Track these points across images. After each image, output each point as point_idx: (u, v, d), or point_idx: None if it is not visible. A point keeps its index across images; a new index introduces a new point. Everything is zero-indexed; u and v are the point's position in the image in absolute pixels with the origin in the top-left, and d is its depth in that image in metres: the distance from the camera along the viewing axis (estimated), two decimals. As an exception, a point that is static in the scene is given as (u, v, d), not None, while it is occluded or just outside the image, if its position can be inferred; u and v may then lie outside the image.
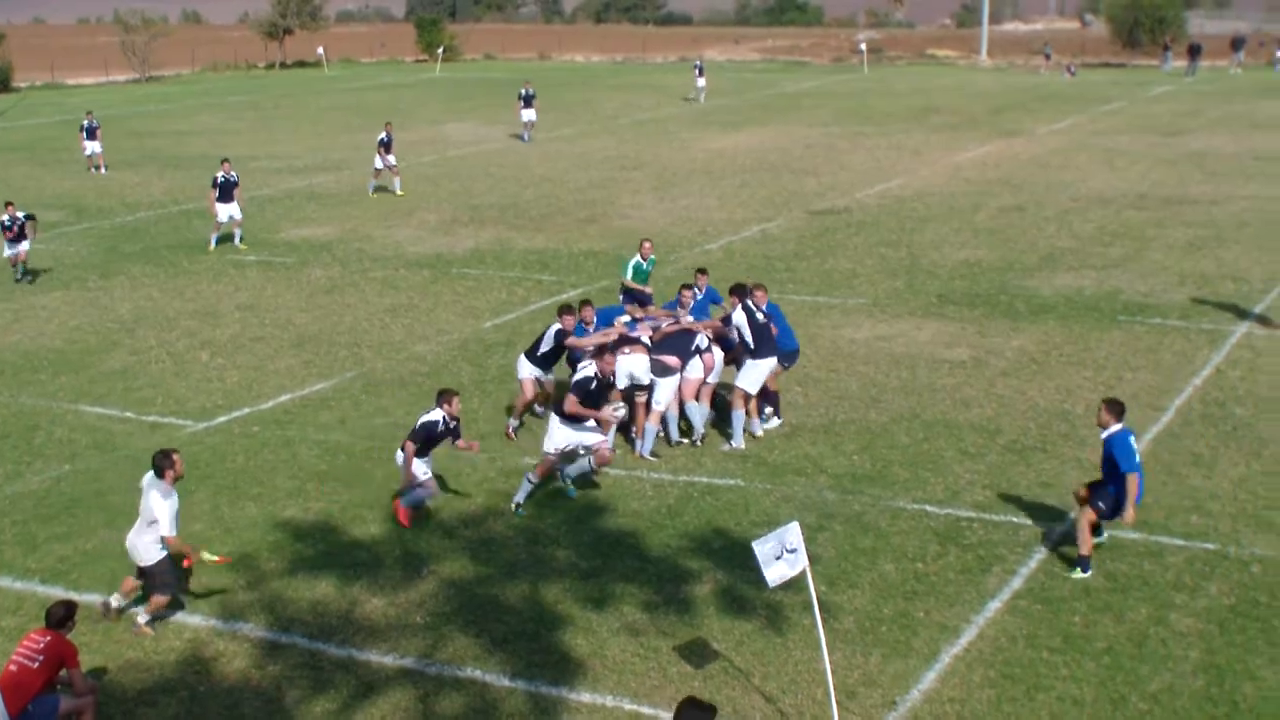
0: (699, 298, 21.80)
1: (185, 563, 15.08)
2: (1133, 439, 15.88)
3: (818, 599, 12.82)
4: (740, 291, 20.54)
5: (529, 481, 18.00)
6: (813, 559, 13.75)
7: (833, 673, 12.72)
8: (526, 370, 20.66)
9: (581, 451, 18.11)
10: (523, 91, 56.61)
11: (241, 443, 20.76)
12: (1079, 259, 32.60)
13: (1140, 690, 13.42)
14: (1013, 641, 14.44)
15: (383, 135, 43.35)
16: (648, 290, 24.53)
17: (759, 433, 20.59)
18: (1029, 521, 17.39)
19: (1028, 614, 15.05)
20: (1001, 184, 43.84)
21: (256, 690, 13.72)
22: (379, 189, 43.73)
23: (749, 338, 20.09)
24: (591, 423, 17.97)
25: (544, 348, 20.43)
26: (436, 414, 17.39)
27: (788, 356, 21.04)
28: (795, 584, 13.07)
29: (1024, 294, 29.22)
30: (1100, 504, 15.80)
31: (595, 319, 20.86)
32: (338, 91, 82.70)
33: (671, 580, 15.92)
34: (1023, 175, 45.56)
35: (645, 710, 13.21)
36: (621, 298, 24.32)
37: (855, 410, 21.83)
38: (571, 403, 17.76)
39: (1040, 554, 16.46)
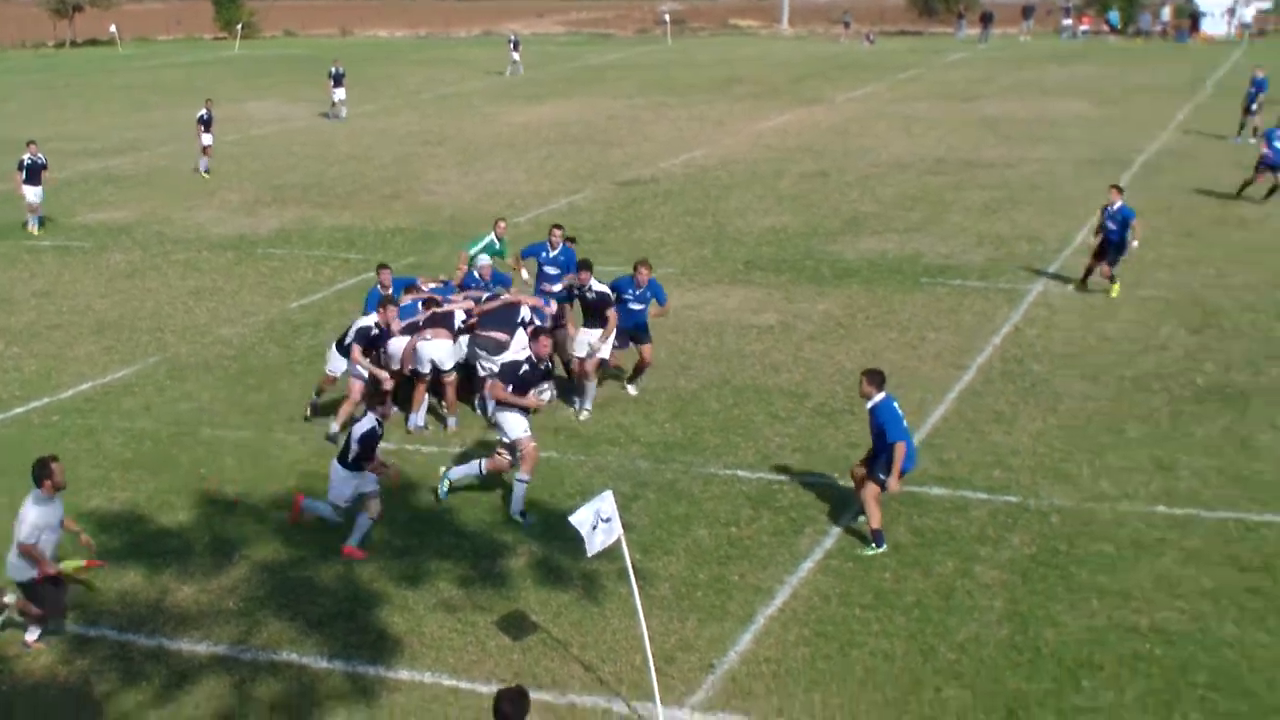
0: (558, 251, 21.99)
1: (38, 578, 13.65)
2: (896, 405, 15.96)
3: (633, 567, 12.90)
4: (588, 267, 20.57)
5: (520, 483, 16.85)
6: (627, 527, 13.86)
7: (650, 639, 12.79)
8: (337, 363, 19.87)
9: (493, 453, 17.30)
10: (332, 70, 55.54)
11: (41, 433, 20.13)
12: (881, 223, 33.22)
13: (949, 641, 13.78)
14: (826, 600, 14.71)
15: (202, 112, 42.45)
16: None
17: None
18: (839, 482, 17.69)
19: (839, 573, 15.33)
20: (803, 151, 44.45)
21: (64, 686, 13.38)
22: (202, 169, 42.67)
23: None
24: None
25: (349, 339, 19.60)
26: (369, 421, 15.89)
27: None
28: (611, 552, 13.13)
29: (828, 259, 29.70)
30: (880, 475, 15.84)
31: (391, 284, 20.92)
32: (133, 70, 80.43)
33: (487, 554, 15.89)
34: (824, 142, 46.25)
35: (464, 685, 13.18)
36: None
37: (665, 379, 21.97)
38: (498, 389, 16.92)
39: (851, 514, 16.75)
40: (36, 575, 13.67)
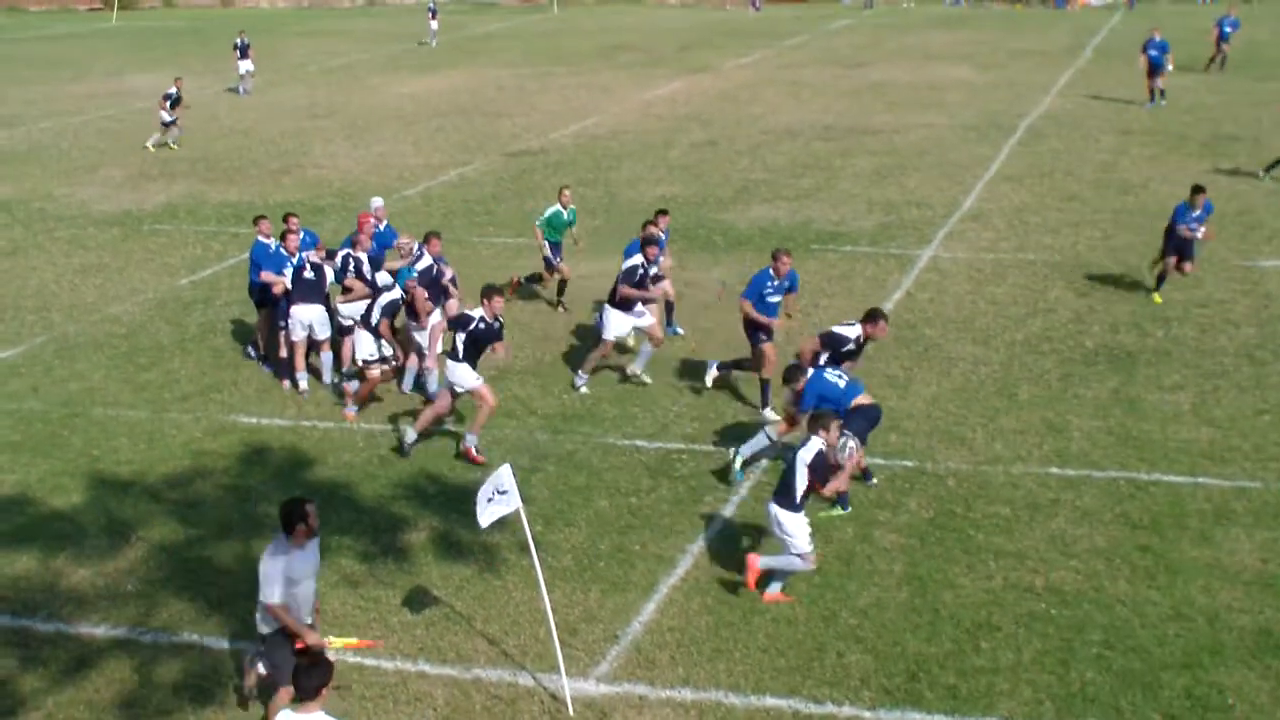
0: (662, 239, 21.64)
1: (298, 644, 11.44)
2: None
3: (534, 539, 12.88)
4: (654, 242, 20.39)
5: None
6: (528, 500, 13.86)
7: (554, 611, 12.80)
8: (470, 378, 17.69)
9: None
10: (238, 41, 54.25)
11: (-77, 417, 19.72)
12: (772, 191, 33.37)
13: (850, 606, 13.92)
14: (727, 568, 14.78)
15: (172, 90, 41.53)
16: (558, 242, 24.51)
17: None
18: (738, 450, 17.75)
19: (740, 540, 15.42)
20: (692, 120, 44.48)
21: (-43, 674, 13.13)
22: (160, 144, 41.63)
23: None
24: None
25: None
26: (815, 442, 13.92)
27: None
28: (512, 525, 13.09)
29: (721, 227, 29.79)
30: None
31: (271, 234, 21.20)
32: (3, 42, 78.60)
33: (387, 529, 15.80)
34: (712, 110, 46.30)
35: (368, 662, 13.10)
36: (549, 248, 24.14)
37: (560, 350, 21.96)
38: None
39: (750, 481, 16.86)
40: (295, 644, 11.47)
